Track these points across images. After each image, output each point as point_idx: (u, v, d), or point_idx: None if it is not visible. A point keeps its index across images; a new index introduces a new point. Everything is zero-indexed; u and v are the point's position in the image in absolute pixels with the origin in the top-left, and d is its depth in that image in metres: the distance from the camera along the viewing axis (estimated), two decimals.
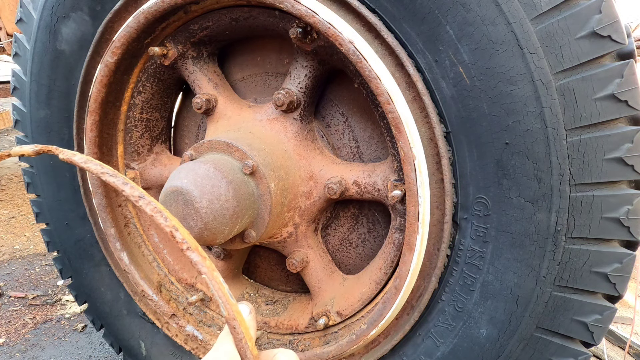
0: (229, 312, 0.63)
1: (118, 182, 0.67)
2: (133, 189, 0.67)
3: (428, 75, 1.10)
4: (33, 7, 1.58)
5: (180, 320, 1.66)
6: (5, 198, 4.73)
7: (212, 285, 0.63)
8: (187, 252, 0.64)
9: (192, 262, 0.64)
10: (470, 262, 1.17)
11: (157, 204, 0.67)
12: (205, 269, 0.64)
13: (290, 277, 1.76)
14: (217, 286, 0.63)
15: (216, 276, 0.64)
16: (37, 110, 1.69)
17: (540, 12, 0.95)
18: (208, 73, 1.55)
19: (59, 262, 1.94)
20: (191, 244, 0.65)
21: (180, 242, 0.65)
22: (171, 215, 0.67)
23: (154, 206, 0.66)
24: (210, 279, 0.63)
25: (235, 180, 1.26)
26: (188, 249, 0.64)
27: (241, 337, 0.63)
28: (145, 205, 0.66)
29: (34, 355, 2.45)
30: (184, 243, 0.65)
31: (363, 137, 1.45)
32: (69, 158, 0.69)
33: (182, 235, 0.65)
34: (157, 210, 0.66)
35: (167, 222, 0.66)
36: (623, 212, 1.01)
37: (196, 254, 0.64)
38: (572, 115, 0.98)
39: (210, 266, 0.64)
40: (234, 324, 0.63)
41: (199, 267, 0.64)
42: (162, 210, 0.66)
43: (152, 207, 0.66)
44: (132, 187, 0.67)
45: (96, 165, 0.68)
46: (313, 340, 1.53)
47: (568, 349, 1.12)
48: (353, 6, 1.12)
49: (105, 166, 0.69)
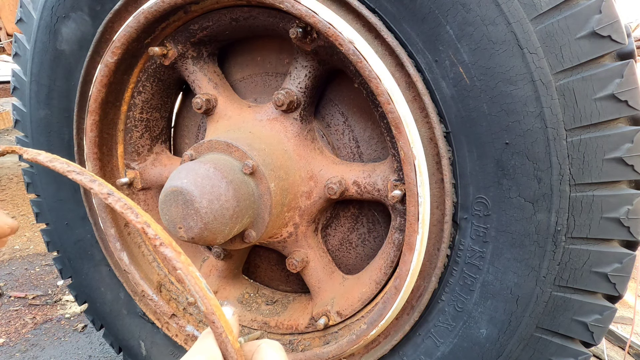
0: (207, 307, 0.61)
1: (85, 179, 0.66)
2: (102, 186, 0.65)
3: (428, 75, 1.10)
4: (33, 7, 1.58)
5: (180, 320, 1.66)
6: (5, 198, 4.73)
7: (188, 280, 0.62)
8: (160, 248, 0.63)
9: (165, 257, 0.62)
10: (470, 262, 1.17)
11: (127, 200, 0.65)
12: (180, 264, 0.62)
13: (290, 277, 1.76)
14: (193, 281, 0.62)
15: (192, 271, 0.62)
16: (37, 110, 1.69)
17: (540, 12, 0.95)
18: (208, 73, 1.55)
19: (59, 262, 1.94)
20: (164, 239, 0.63)
21: (153, 238, 0.63)
22: (142, 211, 0.65)
23: (123, 202, 0.65)
24: (186, 274, 0.62)
25: (235, 180, 1.26)
26: (161, 245, 0.63)
27: (221, 331, 0.62)
28: (115, 202, 0.65)
29: (34, 355, 2.45)
30: (156, 239, 0.63)
31: (363, 137, 1.45)
32: (34, 157, 0.68)
33: (155, 231, 0.63)
34: (128, 206, 0.64)
35: (138, 219, 0.63)
36: (623, 212, 1.01)
37: (169, 249, 0.62)
38: (572, 115, 0.98)
39: (185, 261, 0.63)
40: (213, 318, 0.61)
41: (174, 263, 0.62)
42: (132, 206, 0.65)
43: (122, 204, 0.64)
44: (100, 184, 0.66)
45: (62, 163, 0.67)
46: (313, 340, 1.53)
47: (568, 349, 1.12)
48: (353, 6, 1.12)
49: (71, 164, 0.67)
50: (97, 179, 0.66)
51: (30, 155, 0.68)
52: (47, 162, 0.68)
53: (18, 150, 0.69)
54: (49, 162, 0.68)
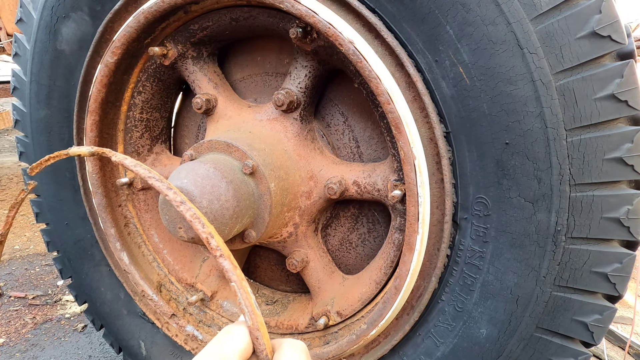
0: (253, 323, 0.64)
1: (163, 186, 0.71)
2: (176, 194, 0.70)
3: (428, 75, 1.10)
4: (33, 7, 1.58)
5: (180, 320, 1.66)
6: (5, 198, 4.73)
7: (240, 294, 0.65)
8: (219, 259, 0.66)
9: (224, 269, 0.66)
10: (470, 262, 1.17)
11: (197, 210, 0.69)
12: (235, 278, 0.65)
13: (290, 277, 1.76)
14: (245, 295, 0.64)
15: (245, 286, 0.65)
16: (37, 110, 1.69)
17: (540, 12, 0.95)
18: (208, 73, 1.55)
19: (59, 262, 1.94)
20: (225, 251, 0.66)
21: (214, 249, 0.66)
22: (208, 222, 0.68)
23: (193, 212, 0.69)
24: (239, 287, 0.65)
25: (235, 180, 1.26)
26: (221, 256, 0.66)
27: (263, 348, 0.63)
28: (186, 211, 0.69)
29: (34, 355, 2.45)
30: (217, 250, 0.66)
31: (363, 137, 1.45)
32: (120, 161, 0.73)
33: (217, 243, 0.67)
34: (196, 216, 0.68)
35: (204, 229, 0.67)
36: (623, 212, 1.01)
37: (228, 262, 0.66)
38: (572, 115, 0.98)
39: (240, 275, 0.66)
40: (257, 334, 0.64)
41: (230, 275, 0.65)
42: (200, 216, 0.68)
43: (192, 214, 0.68)
44: (175, 192, 0.70)
45: (144, 169, 0.72)
46: (313, 340, 1.53)
47: (568, 349, 1.12)
48: (353, 6, 1.12)
49: (152, 171, 0.72)
50: (172, 187, 0.71)
51: (118, 158, 0.73)
52: (132, 166, 0.72)
53: (108, 153, 0.73)
54: (133, 167, 0.72)
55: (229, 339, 0.63)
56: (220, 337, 0.64)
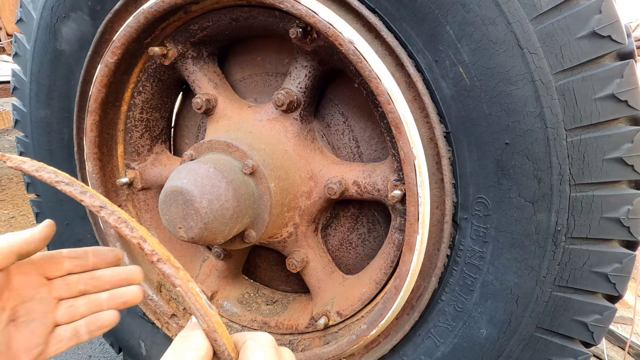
0: (208, 325, 0.58)
1: (75, 190, 0.61)
2: (93, 198, 0.61)
3: (428, 75, 1.10)
4: (33, 7, 1.58)
5: (180, 320, 1.66)
6: (5, 198, 4.73)
7: (188, 297, 0.59)
8: (158, 265, 0.60)
9: (164, 274, 0.59)
10: (470, 262, 1.17)
11: (122, 213, 0.61)
12: (179, 281, 0.59)
13: (290, 277, 1.76)
14: (193, 298, 0.59)
15: (192, 287, 0.59)
16: (37, 110, 1.69)
17: (540, 12, 0.95)
18: (208, 73, 1.55)
19: None
20: (162, 254, 0.60)
21: (150, 254, 0.59)
22: (137, 224, 0.61)
23: (117, 216, 0.60)
24: (186, 290, 0.59)
25: (235, 180, 1.26)
26: (159, 261, 0.59)
27: (223, 349, 0.58)
28: (108, 216, 0.60)
29: None
30: (153, 255, 0.59)
31: (363, 137, 1.45)
32: (18, 166, 0.62)
33: (152, 246, 0.60)
34: (122, 220, 0.60)
35: (133, 234, 0.60)
36: (623, 212, 1.01)
37: (168, 265, 0.59)
38: (572, 115, 0.98)
39: (184, 277, 0.60)
40: (215, 336, 0.58)
41: (172, 280, 0.59)
42: (127, 220, 0.61)
43: (116, 218, 0.60)
44: (92, 195, 0.61)
45: (49, 173, 0.61)
46: (313, 340, 1.53)
47: (568, 349, 1.12)
48: (353, 6, 1.12)
49: (60, 173, 0.61)
50: (89, 189, 0.61)
51: (14, 163, 0.62)
52: (33, 171, 0.61)
53: (1, 157, 0.63)
54: (35, 172, 0.61)
55: (187, 348, 0.57)
56: (177, 346, 0.58)
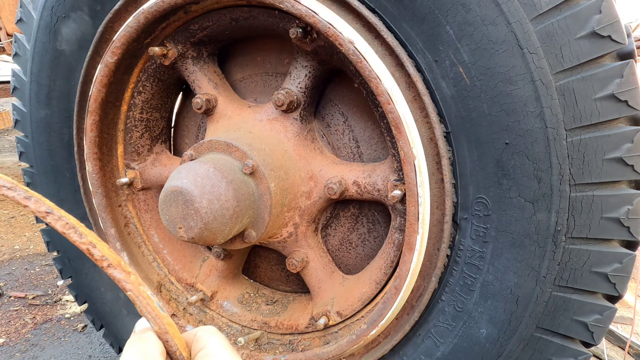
0: (160, 327, 0.60)
1: (18, 195, 0.58)
2: (39, 203, 0.58)
3: (428, 75, 1.10)
4: (33, 7, 1.58)
5: (180, 320, 1.66)
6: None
7: (139, 302, 0.59)
8: (108, 270, 0.59)
9: (114, 279, 0.59)
10: (470, 262, 1.17)
11: (69, 218, 0.59)
12: (129, 285, 0.59)
13: (290, 277, 1.76)
14: (145, 302, 0.59)
15: (143, 291, 0.60)
16: (37, 110, 1.69)
17: (540, 12, 0.95)
18: (208, 73, 1.55)
19: (59, 262, 1.94)
20: (112, 260, 0.60)
21: (100, 259, 0.59)
22: (86, 230, 0.59)
23: (65, 222, 0.59)
24: (137, 295, 0.59)
25: (235, 180, 1.26)
26: (109, 266, 0.59)
27: (175, 349, 0.60)
28: (55, 222, 0.58)
29: (34, 355, 2.45)
30: (103, 260, 0.59)
31: (363, 137, 1.45)
32: None
33: (101, 251, 0.59)
34: (70, 226, 0.59)
35: (82, 239, 0.59)
36: (623, 212, 1.01)
37: (119, 270, 0.60)
38: (572, 115, 0.98)
39: (135, 281, 0.60)
40: (166, 337, 0.60)
41: (123, 284, 0.59)
42: (75, 225, 0.59)
43: (63, 223, 0.59)
44: (37, 200, 0.58)
45: None
46: (313, 340, 1.53)
47: (568, 349, 1.12)
48: (353, 6, 1.12)
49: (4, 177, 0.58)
50: (34, 194, 0.58)
51: None
52: None
53: None
54: None
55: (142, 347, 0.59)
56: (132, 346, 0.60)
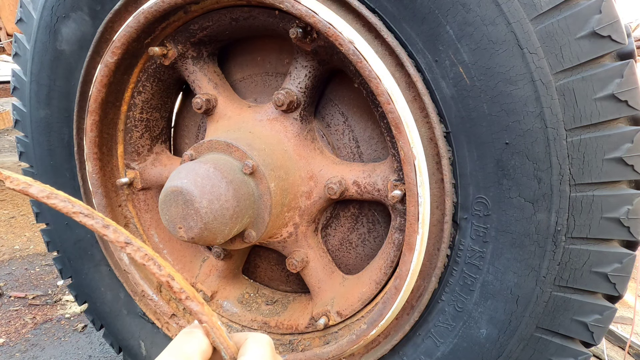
0: (230, 356, 0.63)
1: (97, 224, 0.55)
2: (117, 233, 0.56)
3: (428, 75, 1.10)
4: (33, 7, 1.58)
5: (180, 320, 1.66)
6: (5, 198, 4.73)
7: (212, 332, 0.63)
8: (186, 302, 0.61)
9: (191, 311, 0.62)
10: (470, 262, 1.17)
11: (148, 249, 0.58)
12: (205, 318, 0.62)
13: (290, 277, 1.76)
14: (217, 333, 0.63)
15: (215, 322, 0.63)
16: (37, 110, 1.69)
17: (540, 12, 0.95)
18: (208, 73, 1.55)
19: (59, 262, 1.94)
20: (189, 292, 0.62)
21: (179, 292, 0.60)
22: (164, 262, 0.60)
23: (144, 253, 0.57)
24: (211, 326, 0.62)
25: (235, 180, 1.26)
26: (187, 299, 0.61)
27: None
28: (134, 253, 0.57)
29: (34, 355, 2.45)
30: (182, 293, 0.61)
31: (363, 137, 1.45)
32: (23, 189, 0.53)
33: (180, 284, 0.60)
34: (150, 257, 0.58)
35: (161, 272, 0.59)
36: (623, 212, 1.01)
37: (195, 302, 0.62)
38: (572, 115, 0.98)
39: (209, 312, 0.63)
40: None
41: (199, 317, 0.62)
42: (154, 257, 0.58)
43: (143, 255, 0.57)
44: (115, 230, 0.56)
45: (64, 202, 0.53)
46: (313, 340, 1.53)
47: (568, 349, 1.12)
48: (353, 6, 1.12)
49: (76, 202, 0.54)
50: (111, 223, 0.55)
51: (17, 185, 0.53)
52: (43, 197, 0.53)
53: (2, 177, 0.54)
54: (46, 198, 0.53)
55: (190, 339, 0.63)
56: (180, 338, 0.64)
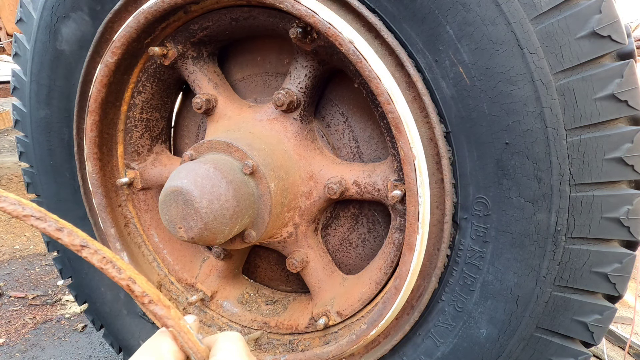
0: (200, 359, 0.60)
1: (50, 227, 0.54)
2: (72, 236, 0.54)
3: (428, 75, 1.10)
4: (33, 7, 1.58)
5: None
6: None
7: (180, 337, 0.60)
8: (149, 306, 0.58)
9: (155, 315, 0.58)
10: (470, 262, 1.17)
11: (106, 251, 0.56)
12: (171, 322, 0.59)
13: (290, 277, 1.76)
14: (185, 337, 0.60)
15: (183, 326, 0.60)
16: (37, 110, 1.69)
17: (540, 12, 0.95)
18: (208, 73, 1.55)
19: (59, 262, 1.94)
20: (152, 295, 0.58)
21: (141, 295, 0.57)
22: (124, 264, 0.57)
23: (102, 256, 0.55)
24: (179, 330, 0.59)
25: (235, 180, 1.26)
26: (150, 302, 0.58)
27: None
28: (91, 256, 0.55)
29: (34, 355, 2.45)
30: (144, 296, 0.58)
31: (363, 137, 1.45)
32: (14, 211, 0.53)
33: (142, 287, 0.57)
34: (108, 260, 0.56)
35: (121, 275, 0.56)
36: (623, 212, 1.01)
37: (159, 306, 0.59)
38: (572, 115, 0.98)
39: (175, 316, 0.60)
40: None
41: (165, 321, 0.59)
42: (112, 259, 0.56)
43: (100, 257, 0.55)
44: (70, 232, 0.54)
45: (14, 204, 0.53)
46: (313, 340, 1.53)
47: (568, 349, 1.12)
48: (353, 6, 1.12)
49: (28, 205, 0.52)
50: (65, 225, 0.54)
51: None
52: None
53: None
54: None
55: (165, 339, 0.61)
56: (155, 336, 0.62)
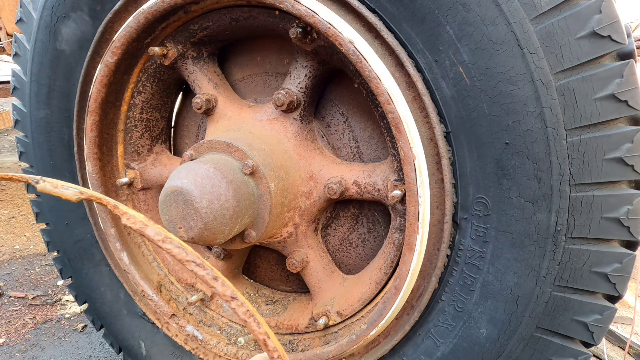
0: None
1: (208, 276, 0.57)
2: (225, 287, 0.58)
3: (428, 75, 1.10)
4: (33, 7, 1.58)
5: (180, 320, 1.66)
6: (5, 198, 4.73)
7: None
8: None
9: None
10: (470, 262, 1.17)
11: (250, 306, 0.60)
12: None
13: (290, 277, 1.76)
14: None
15: None
16: (37, 110, 1.69)
17: (540, 12, 0.95)
18: (208, 73, 1.55)
19: (59, 262, 1.94)
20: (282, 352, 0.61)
21: (272, 350, 0.60)
22: (262, 319, 0.60)
23: (246, 309, 0.59)
24: None
25: (235, 180, 1.26)
26: (278, 358, 0.61)
27: None
28: (238, 307, 0.59)
29: (34, 355, 2.45)
30: (274, 351, 0.60)
31: (363, 137, 1.45)
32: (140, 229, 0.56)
33: (275, 344, 0.60)
34: (251, 314, 0.60)
35: (260, 329, 0.60)
36: (623, 212, 1.01)
37: None
38: (572, 115, 0.98)
39: None
40: None
41: None
42: (254, 314, 0.60)
43: (245, 310, 0.59)
44: (223, 283, 0.58)
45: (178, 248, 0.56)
46: (313, 340, 1.53)
47: (568, 349, 1.12)
48: (353, 6, 1.12)
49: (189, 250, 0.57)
50: (219, 275, 0.58)
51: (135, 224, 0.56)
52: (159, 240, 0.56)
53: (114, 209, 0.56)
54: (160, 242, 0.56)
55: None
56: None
